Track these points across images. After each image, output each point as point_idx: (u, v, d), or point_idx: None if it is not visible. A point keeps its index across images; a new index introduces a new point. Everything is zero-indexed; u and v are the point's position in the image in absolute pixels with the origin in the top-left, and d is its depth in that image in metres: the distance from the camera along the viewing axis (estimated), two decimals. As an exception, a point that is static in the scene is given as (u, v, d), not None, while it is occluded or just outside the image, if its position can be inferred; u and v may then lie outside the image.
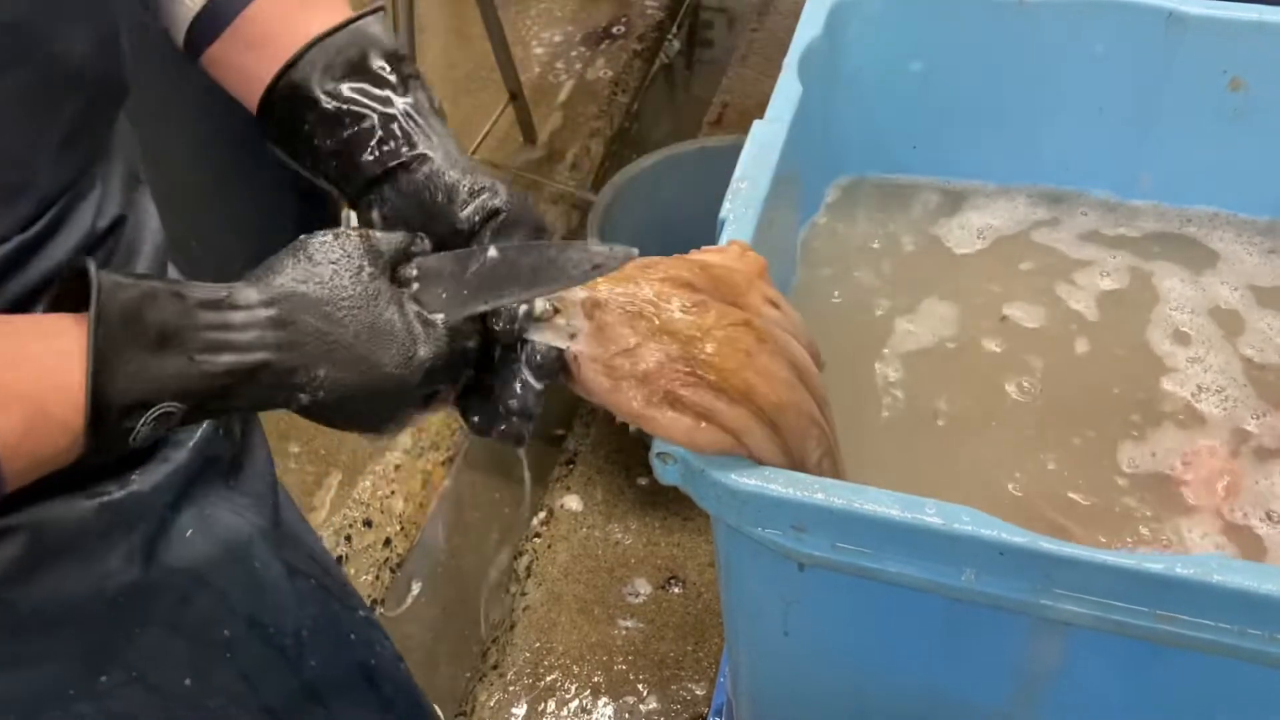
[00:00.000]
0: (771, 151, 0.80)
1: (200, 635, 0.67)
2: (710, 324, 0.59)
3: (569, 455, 1.72)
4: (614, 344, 0.58)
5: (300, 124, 0.63)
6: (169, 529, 0.63)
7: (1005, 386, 0.89)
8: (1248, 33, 0.90)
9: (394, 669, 0.86)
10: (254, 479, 0.71)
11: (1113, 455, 0.83)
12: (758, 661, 0.80)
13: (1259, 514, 0.79)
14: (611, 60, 2.34)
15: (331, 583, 0.80)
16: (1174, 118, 0.95)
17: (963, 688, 0.72)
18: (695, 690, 1.45)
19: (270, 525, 0.71)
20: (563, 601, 1.54)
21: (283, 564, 0.73)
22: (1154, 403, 0.87)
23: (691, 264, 0.63)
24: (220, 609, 0.67)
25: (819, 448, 0.64)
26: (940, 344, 0.92)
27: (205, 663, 0.67)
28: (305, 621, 0.74)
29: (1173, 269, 0.96)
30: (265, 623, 0.71)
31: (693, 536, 1.60)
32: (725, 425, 0.59)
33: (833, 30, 0.92)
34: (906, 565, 0.60)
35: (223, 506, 0.67)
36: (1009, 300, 0.95)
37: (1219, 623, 0.57)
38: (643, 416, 0.59)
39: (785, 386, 0.61)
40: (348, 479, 1.57)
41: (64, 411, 0.48)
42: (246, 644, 0.69)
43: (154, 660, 0.64)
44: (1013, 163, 1.01)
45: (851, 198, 1.03)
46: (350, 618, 0.81)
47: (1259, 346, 0.90)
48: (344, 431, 0.57)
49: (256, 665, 0.71)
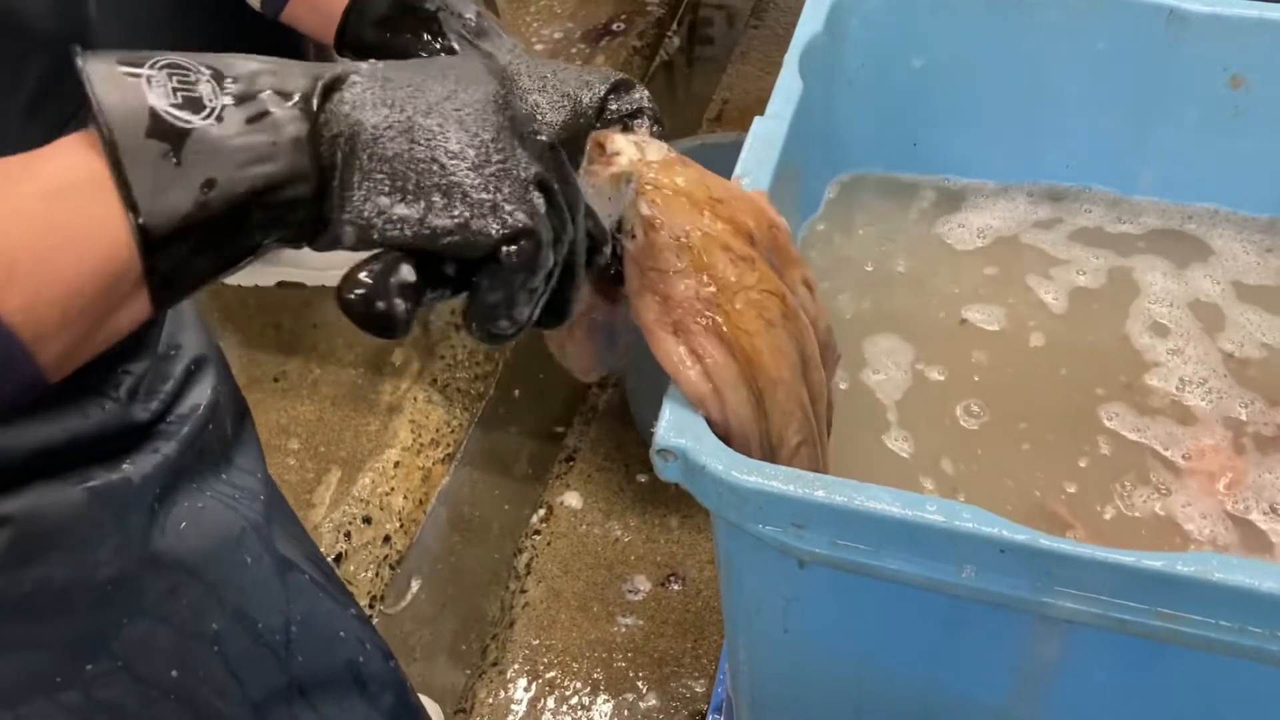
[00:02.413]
0: (772, 148, 0.80)
1: (188, 627, 0.66)
2: (750, 283, 0.61)
3: (568, 452, 1.71)
4: (657, 261, 0.60)
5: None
6: (161, 520, 0.63)
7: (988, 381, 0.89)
8: (1249, 30, 0.90)
9: (383, 667, 0.86)
10: (246, 473, 0.71)
11: (1105, 446, 0.83)
12: (757, 659, 0.80)
13: (1261, 508, 0.79)
14: (611, 57, 2.34)
15: (323, 579, 0.80)
16: (1175, 115, 0.95)
17: (963, 685, 0.72)
18: (695, 687, 1.45)
19: (263, 520, 0.71)
20: (562, 598, 1.54)
21: (273, 559, 0.72)
22: (1150, 394, 0.87)
23: (760, 213, 0.64)
24: (209, 602, 0.67)
25: (799, 434, 0.65)
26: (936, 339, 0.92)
27: (192, 655, 0.67)
28: (295, 617, 0.74)
29: (1172, 265, 0.96)
30: (254, 617, 0.71)
31: (692, 534, 1.60)
32: (712, 374, 0.61)
33: (833, 27, 0.92)
34: (907, 562, 0.60)
35: (215, 499, 0.67)
36: (1006, 295, 0.95)
37: (1219, 620, 0.57)
38: (650, 329, 0.61)
39: (787, 365, 0.62)
40: (347, 476, 1.57)
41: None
42: (234, 638, 0.69)
43: (141, 651, 0.64)
44: (1014, 159, 1.01)
45: (851, 195, 1.03)
46: (341, 615, 0.81)
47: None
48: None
49: (244, 659, 0.70)
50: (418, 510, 1.61)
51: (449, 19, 0.68)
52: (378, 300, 0.46)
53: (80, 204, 0.43)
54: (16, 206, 0.42)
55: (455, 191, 0.48)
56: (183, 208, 0.43)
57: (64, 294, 0.42)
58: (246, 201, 0.45)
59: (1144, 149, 0.98)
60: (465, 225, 0.48)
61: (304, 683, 0.76)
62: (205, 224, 0.44)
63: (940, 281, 0.96)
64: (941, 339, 0.92)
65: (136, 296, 0.44)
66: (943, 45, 0.97)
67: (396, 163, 0.47)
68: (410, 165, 0.47)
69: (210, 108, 0.44)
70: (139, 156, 0.43)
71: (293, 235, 0.48)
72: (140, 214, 0.42)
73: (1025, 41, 0.95)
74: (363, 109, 0.47)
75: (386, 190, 0.47)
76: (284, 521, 0.78)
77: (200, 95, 0.44)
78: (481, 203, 0.48)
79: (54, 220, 0.42)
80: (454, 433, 1.69)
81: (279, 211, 0.46)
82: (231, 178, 0.44)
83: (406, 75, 0.50)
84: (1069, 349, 0.91)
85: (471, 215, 0.48)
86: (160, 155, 0.43)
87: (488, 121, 0.50)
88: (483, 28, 0.68)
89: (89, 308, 0.43)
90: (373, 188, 0.47)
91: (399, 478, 1.60)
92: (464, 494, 1.66)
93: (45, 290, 0.41)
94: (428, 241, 0.47)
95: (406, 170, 0.47)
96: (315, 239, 0.48)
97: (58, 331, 0.42)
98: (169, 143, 0.43)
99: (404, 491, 1.59)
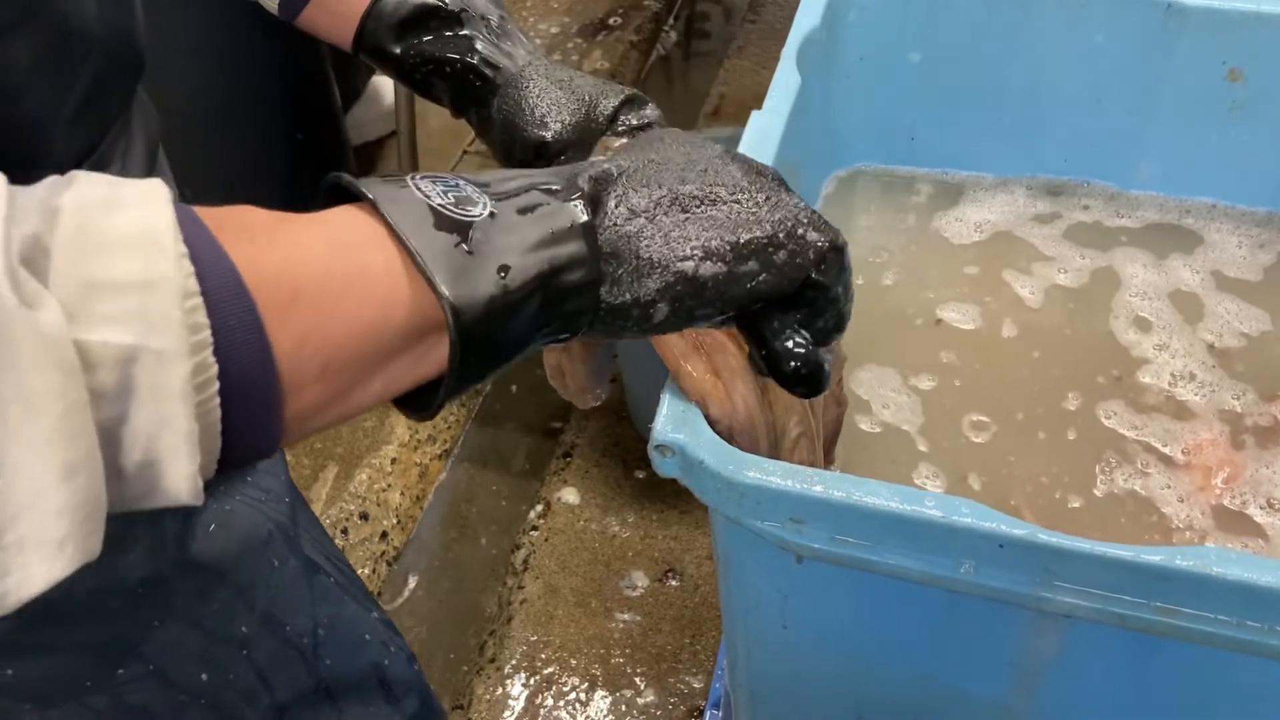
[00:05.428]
0: (770, 142, 0.80)
1: (218, 630, 0.66)
2: None
3: (566, 448, 1.71)
4: None
5: (394, 74, 0.68)
6: (193, 523, 0.63)
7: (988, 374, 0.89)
8: (1246, 24, 0.90)
9: (407, 671, 0.86)
10: (271, 475, 0.71)
11: (1104, 439, 0.83)
12: (755, 654, 0.80)
13: (1259, 502, 0.79)
14: (608, 52, 2.34)
15: (347, 582, 0.80)
16: (1173, 109, 0.95)
17: (962, 680, 0.72)
18: (693, 683, 1.45)
19: (288, 522, 0.71)
20: (560, 594, 1.54)
21: (300, 561, 0.72)
22: (1147, 389, 0.87)
23: None
24: (238, 604, 0.67)
25: (799, 426, 0.66)
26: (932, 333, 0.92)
27: (222, 658, 0.67)
28: (322, 620, 0.74)
29: (1170, 263, 0.96)
30: (282, 620, 0.70)
31: (690, 529, 1.60)
32: (720, 368, 0.61)
33: (831, 20, 0.92)
34: (905, 558, 0.60)
35: (242, 502, 0.67)
36: (1001, 291, 0.95)
37: (1218, 615, 0.56)
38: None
39: None
40: (344, 472, 1.57)
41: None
42: (263, 641, 0.69)
43: (171, 654, 0.64)
44: (1012, 153, 1.01)
45: (850, 189, 1.03)
46: (365, 618, 0.81)
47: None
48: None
49: (272, 662, 0.70)
50: (415, 506, 1.61)
51: (472, 21, 0.68)
52: (821, 362, 0.52)
53: (368, 254, 0.41)
54: (301, 243, 0.41)
55: (750, 235, 0.50)
56: (486, 291, 0.43)
57: (341, 336, 0.40)
58: (536, 287, 0.44)
59: (1142, 143, 0.98)
60: (771, 262, 0.50)
61: (331, 686, 0.76)
62: (504, 309, 0.44)
63: (934, 276, 0.96)
64: (940, 339, 0.92)
65: (398, 365, 0.43)
66: (941, 39, 0.97)
67: (679, 232, 0.49)
68: (693, 229, 0.49)
69: (481, 203, 0.45)
70: (433, 245, 0.42)
71: (567, 325, 0.47)
72: (450, 297, 0.42)
73: (1023, 35, 0.95)
74: (627, 195, 0.49)
75: (681, 257, 0.48)
76: (307, 524, 0.78)
77: (468, 194, 0.45)
78: (775, 236, 0.50)
79: (342, 258, 0.41)
80: (451, 429, 1.69)
81: (562, 297, 0.46)
82: (521, 264, 0.44)
83: (641, 157, 0.51)
84: (1062, 347, 0.91)
85: (774, 249, 0.50)
86: (452, 245, 0.42)
87: (731, 169, 0.52)
88: (506, 30, 0.68)
89: (353, 361, 0.41)
90: (669, 258, 0.48)
91: (396, 474, 1.60)
92: (461, 490, 1.66)
93: (325, 325, 0.39)
94: (743, 288, 0.50)
95: (697, 234, 0.49)
96: (595, 325, 0.48)
97: (314, 381, 0.40)
98: (458, 234, 0.43)
99: (401, 488, 1.59)
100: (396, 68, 0.69)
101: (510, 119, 0.67)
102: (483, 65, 0.67)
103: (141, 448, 0.35)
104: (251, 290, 0.37)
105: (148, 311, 0.34)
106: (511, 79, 0.67)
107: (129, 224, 0.35)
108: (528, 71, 0.67)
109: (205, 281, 0.35)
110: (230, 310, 0.36)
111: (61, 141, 0.52)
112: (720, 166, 0.52)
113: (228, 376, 0.36)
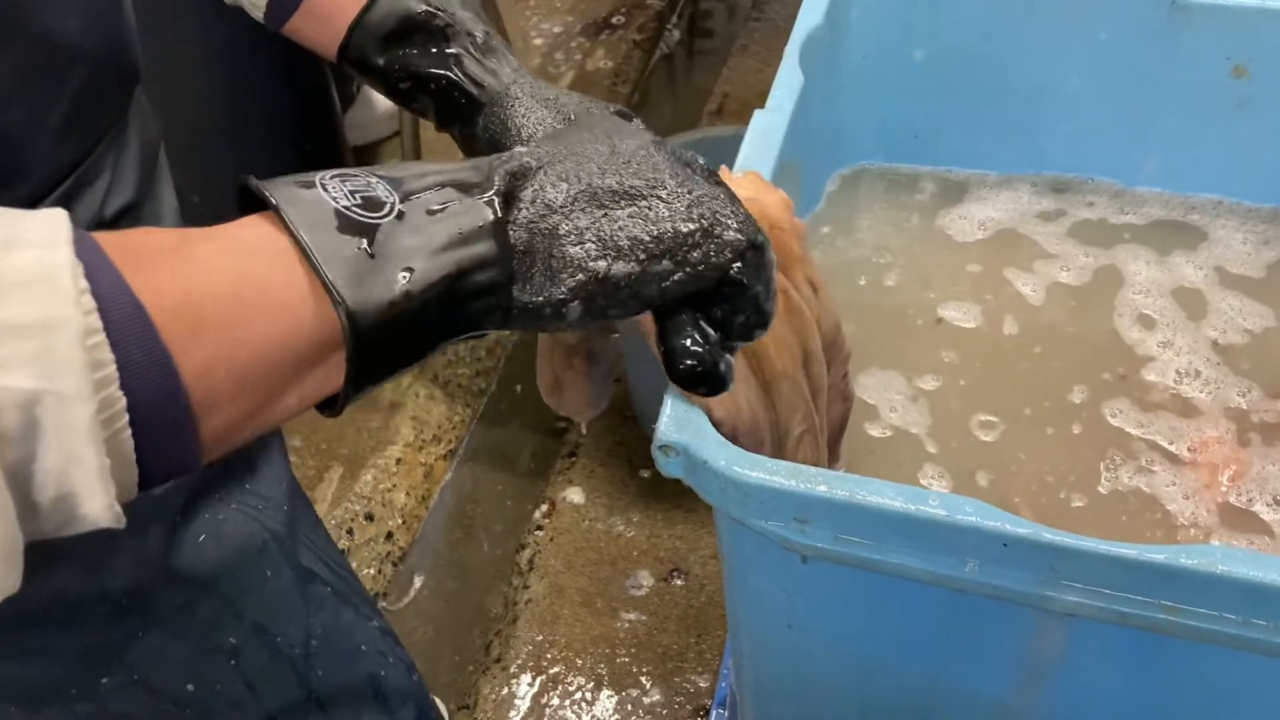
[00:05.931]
0: (773, 141, 0.80)
1: (204, 641, 0.66)
2: None
3: (571, 448, 1.71)
4: None
5: (378, 86, 0.68)
6: (181, 534, 0.63)
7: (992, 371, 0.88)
8: (1250, 20, 0.90)
9: (405, 681, 0.85)
10: (270, 482, 0.71)
11: (1108, 437, 0.83)
12: (760, 654, 0.80)
13: (1265, 499, 0.79)
14: (611, 51, 2.33)
15: (346, 589, 0.80)
16: (1177, 105, 0.95)
17: (966, 679, 0.72)
18: (698, 682, 1.44)
19: (285, 531, 0.71)
20: (565, 594, 1.54)
21: (295, 570, 0.72)
22: (1151, 387, 0.86)
23: (761, 214, 0.63)
24: (226, 616, 0.67)
25: (803, 424, 0.66)
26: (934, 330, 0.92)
27: (209, 669, 0.67)
28: (315, 630, 0.74)
29: (1174, 260, 0.95)
30: (273, 631, 0.70)
31: (695, 529, 1.60)
32: None
33: (834, 18, 0.92)
34: (909, 557, 0.60)
35: (239, 510, 0.66)
36: (1002, 289, 0.94)
37: (1223, 613, 0.56)
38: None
39: (790, 359, 0.63)
40: (349, 473, 1.57)
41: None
42: (252, 651, 0.69)
43: (156, 663, 0.64)
44: (1016, 150, 1.01)
45: (854, 187, 1.03)
46: (363, 627, 0.81)
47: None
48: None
49: (261, 673, 0.70)
50: (420, 507, 1.61)
51: (459, 37, 0.68)
52: (717, 362, 0.51)
53: (271, 269, 0.41)
54: (205, 264, 0.40)
55: (664, 233, 0.49)
56: (386, 296, 0.42)
57: (248, 357, 0.40)
58: (443, 289, 0.44)
59: (1147, 140, 0.97)
60: (685, 260, 0.49)
61: (322, 695, 0.75)
62: (407, 313, 0.43)
63: (937, 275, 0.96)
64: (941, 339, 0.92)
65: (310, 377, 0.43)
66: (944, 36, 0.96)
67: (593, 230, 0.48)
68: (608, 226, 0.48)
69: (390, 203, 0.44)
70: (334, 250, 0.42)
71: (478, 324, 0.47)
72: (347, 303, 0.41)
73: (1027, 32, 0.95)
74: (543, 190, 0.48)
75: (594, 255, 0.47)
76: (308, 530, 0.77)
77: (378, 194, 0.44)
78: (692, 234, 0.49)
79: (246, 277, 0.40)
80: (456, 429, 1.69)
81: (472, 298, 0.45)
82: (426, 267, 0.43)
83: (563, 148, 0.50)
84: (1065, 345, 0.91)
85: (688, 248, 0.49)
86: (354, 249, 0.42)
87: (656, 161, 0.51)
88: (490, 46, 0.68)
89: (264, 378, 0.41)
90: (582, 256, 0.47)
91: (401, 474, 1.60)
92: (466, 490, 1.66)
93: (232, 346, 0.39)
94: (656, 287, 0.49)
95: (611, 232, 0.48)
96: (506, 324, 0.48)
97: (227, 402, 0.39)
98: (362, 236, 0.42)
99: (406, 488, 1.59)
100: (381, 80, 0.68)
101: (496, 138, 0.66)
102: (467, 82, 0.66)
103: (54, 484, 0.35)
104: (155, 319, 0.36)
105: (49, 354, 0.33)
106: (496, 97, 0.66)
107: (26, 265, 0.34)
108: (513, 90, 0.66)
109: (107, 315, 0.35)
110: (135, 343, 0.36)
111: (46, 156, 0.52)
112: (644, 159, 0.50)
113: (136, 408, 0.36)
